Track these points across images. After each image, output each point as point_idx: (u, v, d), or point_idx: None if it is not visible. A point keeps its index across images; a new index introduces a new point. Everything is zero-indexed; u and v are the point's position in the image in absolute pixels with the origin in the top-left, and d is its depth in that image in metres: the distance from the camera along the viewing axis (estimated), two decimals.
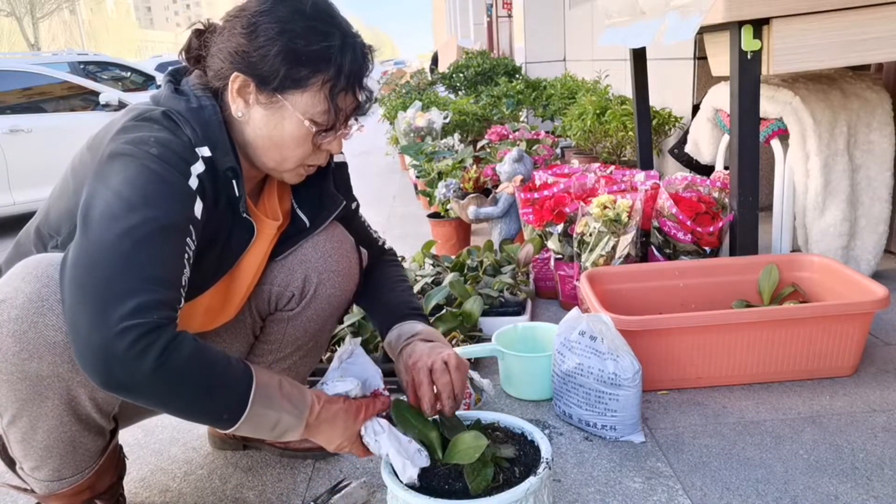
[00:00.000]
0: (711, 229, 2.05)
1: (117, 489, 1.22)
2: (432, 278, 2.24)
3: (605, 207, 2.01)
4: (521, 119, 5.26)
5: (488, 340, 1.77)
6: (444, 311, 1.97)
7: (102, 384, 0.87)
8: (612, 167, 2.62)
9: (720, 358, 1.63)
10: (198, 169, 1.01)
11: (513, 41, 8.72)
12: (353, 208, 1.38)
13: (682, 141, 2.99)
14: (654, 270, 1.95)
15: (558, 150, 4.16)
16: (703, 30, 2.07)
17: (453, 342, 1.87)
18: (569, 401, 1.52)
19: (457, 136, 4.36)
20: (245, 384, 0.95)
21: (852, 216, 2.14)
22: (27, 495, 1.15)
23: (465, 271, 2.27)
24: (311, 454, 1.48)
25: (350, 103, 1.10)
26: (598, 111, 3.56)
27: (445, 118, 4.48)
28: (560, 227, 2.17)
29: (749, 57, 1.79)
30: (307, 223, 1.26)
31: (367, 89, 1.11)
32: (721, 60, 2.08)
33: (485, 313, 2.01)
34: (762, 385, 1.66)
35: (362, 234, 1.41)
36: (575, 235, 2.09)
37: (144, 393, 0.88)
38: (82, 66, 7.74)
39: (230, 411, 0.94)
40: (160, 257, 0.92)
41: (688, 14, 1.86)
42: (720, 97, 2.46)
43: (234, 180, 1.06)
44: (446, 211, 2.98)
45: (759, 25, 1.76)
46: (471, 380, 1.45)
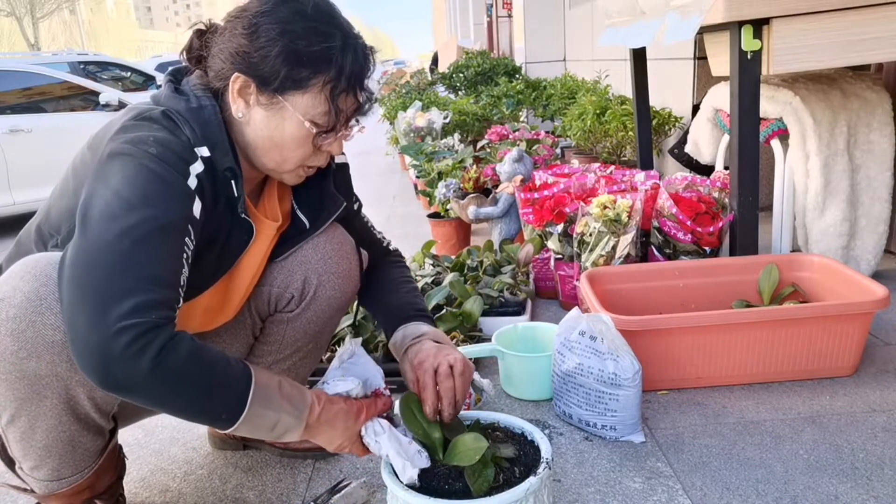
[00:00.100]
0: (711, 229, 2.05)
1: (117, 489, 1.22)
2: (432, 278, 2.24)
3: (605, 207, 2.01)
4: (521, 119, 5.26)
5: (488, 340, 1.77)
6: (444, 311, 1.97)
7: (100, 384, 0.87)
8: (612, 167, 2.62)
9: (720, 358, 1.63)
10: (197, 169, 1.00)
11: (513, 41, 8.72)
12: (356, 209, 1.38)
13: (682, 141, 2.99)
14: (654, 270, 1.95)
15: (558, 150, 4.16)
16: (703, 30, 2.07)
17: (453, 342, 1.87)
18: (569, 401, 1.52)
19: (457, 136, 4.36)
20: (244, 384, 0.95)
21: (852, 216, 2.14)
22: (27, 495, 1.15)
23: (465, 271, 2.27)
24: (311, 454, 1.48)
25: (351, 104, 1.09)
26: (598, 111, 3.56)
27: (445, 118, 4.48)
28: (560, 227, 2.17)
29: (749, 57, 1.79)
30: (307, 224, 1.26)
31: (367, 90, 1.11)
32: (721, 60, 2.08)
33: (485, 313, 2.01)
34: (762, 385, 1.65)
35: (365, 235, 1.41)
36: (575, 235, 2.09)
37: (142, 392, 0.88)
38: (82, 66, 7.74)
39: (229, 411, 0.94)
40: (159, 257, 0.92)
41: (688, 14, 1.86)
42: (720, 97, 2.46)
43: (232, 181, 1.06)
44: (446, 211, 2.98)
45: (759, 25, 1.76)
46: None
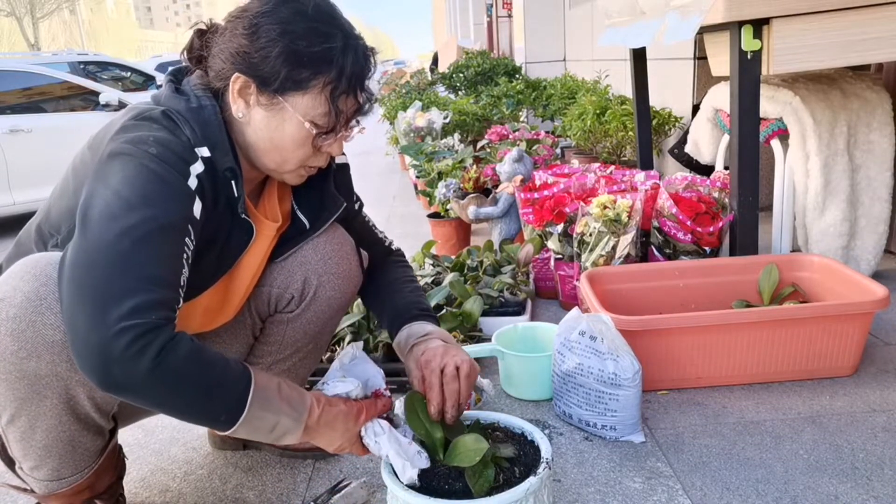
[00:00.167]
0: (711, 229, 2.05)
1: (117, 489, 1.22)
2: (432, 278, 2.24)
3: (605, 207, 2.01)
4: (521, 119, 5.26)
5: (488, 340, 1.77)
6: (444, 311, 1.97)
7: (100, 384, 0.86)
8: (612, 167, 2.62)
9: (720, 358, 1.63)
10: (197, 169, 1.00)
11: (513, 41, 8.72)
12: (357, 208, 1.38)
13: (682, 141, 2.99)
14: (654, 270, 1.95)
15: (558, 150, 4.16)
16: (703, 30, 2.07)
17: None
18: (569, 401, 1.52)
19: (457, 136, 4.36)
20: (243, 385, 0.95)
21: (852, 216, 2.14)
22: (27, 495, 1.15)
23: (465, 271, 2.27)
24: (311, 454, 1.48)
25: (351, 105, 1.09)
26: (598, 111, 3.56)
27: (445, 118, 4.48)
28: (560, 227, 2.17)
29: (749, 57, 1.79)
30: (307, 225, 1.26)
31: (368, 91, 1.11)
32: (721, 60, 2.08)
33: (485, 313, 2.01)
34: (762, 385, 1.65)
35: (367, 234, 1.41)
36: (575, 235, 2.09)
37: (142, 393, 0.88)
38: (82, 66, 7.74)
39: (228, 412, 0.94)
40: (159, 257, 0.91)
41: (688, 14, 1.86)
42: (720, 97, 2.46)
43: (233, 181, 1.06)
44: (446, 211, 2.98)
45: (759, 25, 1.76)
46: None
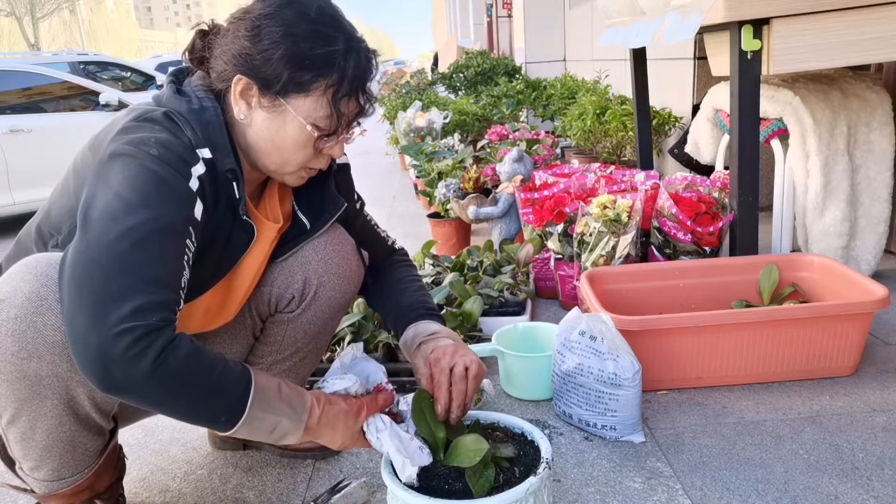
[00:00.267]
0: (711, 229, 2.05)
1: (117, 489, 1.22)
2: (432, 278, 2.24)
3: (605, 207, 2.01)
4: (521, 119, 5.26)
5: (488, 340, 1.77)
6: (444, 311, 1.97)
7: (100, 385, 0.87)
8: (612, 167, 2.62)
9: (720, 358, 1.63)
10: (198, 170, 1.00)
11: (513, 41, 8.72)
12: (358, 208, 1.38)
13: (682, 141, 2.99)
14: (654, 270, 1.95)
15: (558, 150, 4.16)
16: (703, 30, 2.07)
17: None
18: (569, 401, 1.52)
19: (457, 136, 4.36)
20: (243, 387, 0.95)
21: (852, 216, 2.14)
22: (27, 495, 1.15)
23: (465, 271, 2.27)
24: (311, 454, 1.48)
25: (353, 108, 1.09)
26: (598, 111, 3.56)
27: (445, 118, 4.48)
28: (560, 227, 2.17)
29: (749, 57, 1.79)
30: (308, 225, 1.26)
31: (369, 94, 1.11)
32: (721, 60, 2.08)
33: (485, 313, 2.01)
34: (762, 385, 1.66)
35: (370, 234, 1.41)
36: (575, 235, 2.09)
37: (142, 395, 0.88)
38: (82, 66, 7.74)
39: (228, 414, 0.94)
40: (159, 258, 0.91)
41: (688, 14, 1.86)
42: (720, 97, 2.46)
43: (234, 182, 1.06)
44: (446, 211, 2.98)
45: (759, 25, 1.76)
46: None
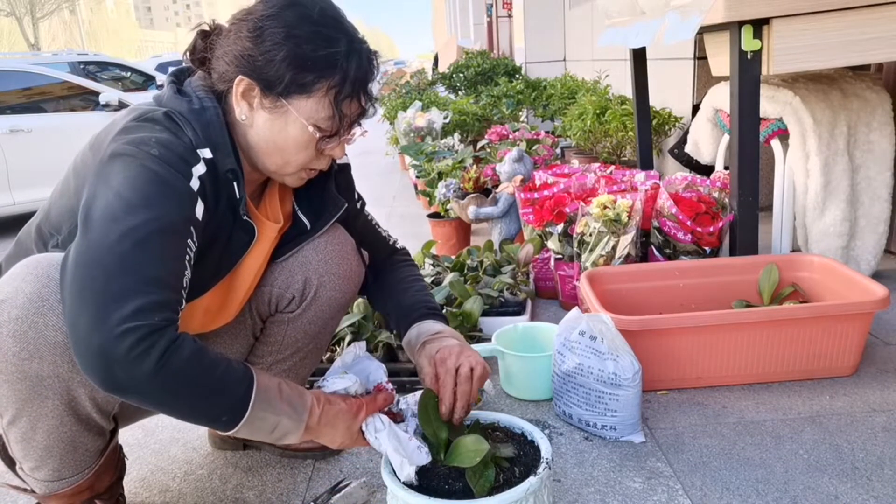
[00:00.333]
0: (711, 229, 2.05)
1: (117, 489, 1.22)
2: (432, 278, 2.24)
3: (605, 207, 2.01)
4: (521, 119, 5.26)
5: (488, 340, 1.77)
6: (444, 311, 1.97)
7: (102, 385, 0.87)
8: (612, 167, 2.62)
9: (720, 358, 1.63)
10: (199, 170, 1.00)
11: (513, 41, 8.72)
12: (359, 207, 1.38)
13: (682, 141, 2.99)
14: (654, 270, 1.95)
15: (558, 150, 4.16)
16: (703, 30, 2.07)
17: None
18: (569, 401, 1.52)
19: (457, 136, 4.36)
20: (245, 387, 0.95)
21: (852, 216, 2.14)
22: (27, 495, 1.15)
23: (465, 271, 2.27)
24: (311, 454, 1.48)
25: (355, 110, 1.09)
26: (598, 111, 3.56)
27: (445, 118, 4.48)
28: (560, 227, 2.17)
29: (749, 57, 1.79)
30: (308, 225, 1.26)
31: (371, 95, 1.11)
32: (721, 60, 2.08)
33: (485, 313, 2.01)
34: (762, 385, 1.66)
35: (371, 234, 1.41)
36: (575, 235, 2.09)
37: (144, 395, 0.88)
38: (82, 66, 7.74)
39: (230, 414, 0.94)
40: (161, 259, 0.92)
41: (688, 14, 1.86)
42: (720, 97, 2.46)
43: (234, 182, 1.06)
44: (446, 211, 2.98)
45: (759, 25, 1.76)
46: None
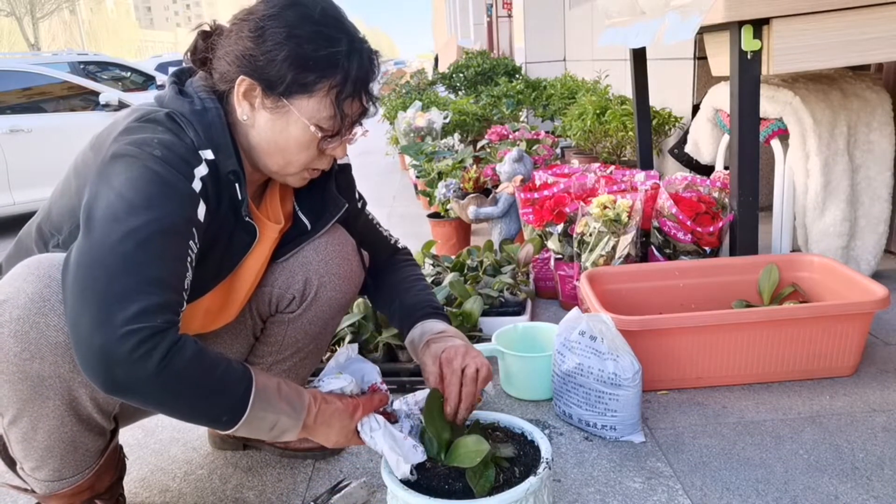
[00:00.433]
0: (711, 229, 2.05)
1: (117, 489, 1.23)
2: (432, 278, 2.24)
3: (605, 207, 2.01)
4: (521, 119, 5.26)
5: (488, 340, 1.77)
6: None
7: (103, 386, 0.87)
8: (612, 167, 2.62)
9: (720, 358, 1.63)
10: (201, 171, 1.00)
11: (513, 41, 8.72)
12: (360, 207, 1.38)
13: (682, 141, 2.99)
14: (654, 270, 1.95)
15: (558, 150, 4.16)
16: (703, 30, 2.08)
17: None
18: (569, 401, 1.52)
19: (457, 136, 4.36)
20: (245, 387, 0.95)
21: (852, 216, 2.14)
22: (27, 495, 1.15)
23: (465, 271, 2.27)
24: (311, 454, 1.48)
25: (356, 109, 1.10)
26: (598, 111, 3.56)
27: (445, 118, 4.48)
28: (560, 227, 2.17)
29: (749, 57, 1.80)
30: (309, 226, 1.26)
31: (372, 95, 1.11)
32: (721, 60, 2.08)
33: (485, 313, 2.01)
34: (762, 385, 1.66)
35: (372, 234, 1.41)
36: (575, 235, 2.09)
37: (145, 395, 0.88)
38: (82, 66, 7.74)
39: (230, 413, 0.94)
40: (162, 259, 0.92)
41: (688, 14, 1.86)
42: (720, 97, 2.46)
43: (236, 183, 1.06)
44: (446, 211, 2.98)
45: (759, 25, 1.76)
46: None
